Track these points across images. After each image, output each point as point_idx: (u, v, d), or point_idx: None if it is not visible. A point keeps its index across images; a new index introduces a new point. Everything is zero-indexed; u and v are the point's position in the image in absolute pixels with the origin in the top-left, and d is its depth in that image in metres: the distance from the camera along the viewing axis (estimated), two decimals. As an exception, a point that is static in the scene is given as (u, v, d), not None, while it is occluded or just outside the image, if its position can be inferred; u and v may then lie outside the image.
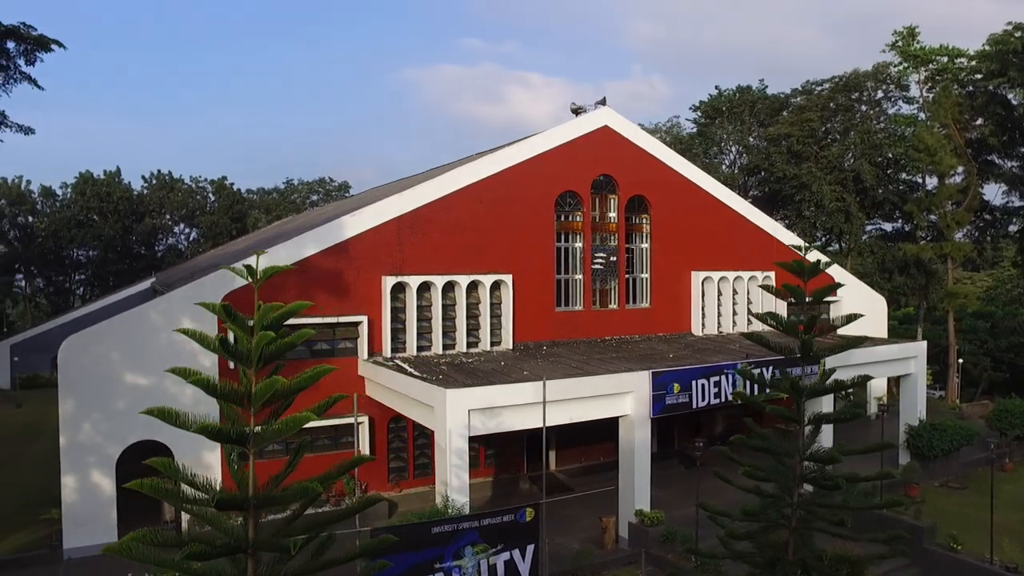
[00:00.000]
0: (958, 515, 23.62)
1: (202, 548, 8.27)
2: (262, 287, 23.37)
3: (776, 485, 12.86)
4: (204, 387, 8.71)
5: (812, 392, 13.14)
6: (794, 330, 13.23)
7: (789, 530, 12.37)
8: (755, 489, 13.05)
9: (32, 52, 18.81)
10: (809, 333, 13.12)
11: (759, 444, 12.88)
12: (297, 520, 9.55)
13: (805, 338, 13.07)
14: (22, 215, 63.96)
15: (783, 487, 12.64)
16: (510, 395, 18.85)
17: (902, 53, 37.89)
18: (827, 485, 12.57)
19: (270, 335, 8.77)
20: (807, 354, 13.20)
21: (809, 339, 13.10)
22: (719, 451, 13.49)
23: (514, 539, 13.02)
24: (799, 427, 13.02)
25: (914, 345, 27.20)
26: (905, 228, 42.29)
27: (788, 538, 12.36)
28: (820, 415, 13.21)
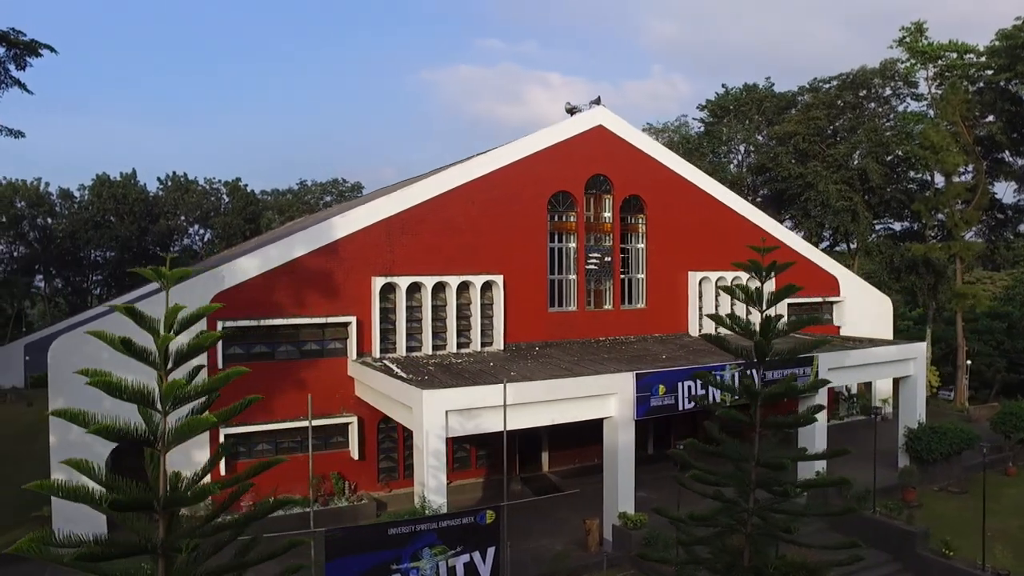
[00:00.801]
0: (956, 520, 23.14)
1: (96, 550, 8.31)
2: (259, 287, 23.60)
3: (735, 490, 12.67)
4: (105, 388, 8.72)
5: (768, 396, 12.90)
6: (749, 332, 12.96)
7: (744, 536, 12.17)
8: (717, 495, 12.86)
9: (22, 57, 19.17)
10: (764, 335, 12.83)
11: (712, 449, 12.70)
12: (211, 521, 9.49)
13: (757, 340, 12.80)
14: (41, 217, 65.10)
15: (740, 492, 12.45)
16: (489, 396, 18.77)
17: (909, 49, 37.19)
18: (776, 491, 12.36)
19: (171, 336, 8.76)
20: (761, 357, 12.94)
21: (760, 341, 12.83)
22: (674, 454, 13.28)
23: (474, 541, 12.96)
24: (754, 432, 12.80)
25: (913, 346, 26.70)
26: (914, 227, 41.56)
27: (744, 544, 12.16)
28: (774, 420, 12.98)
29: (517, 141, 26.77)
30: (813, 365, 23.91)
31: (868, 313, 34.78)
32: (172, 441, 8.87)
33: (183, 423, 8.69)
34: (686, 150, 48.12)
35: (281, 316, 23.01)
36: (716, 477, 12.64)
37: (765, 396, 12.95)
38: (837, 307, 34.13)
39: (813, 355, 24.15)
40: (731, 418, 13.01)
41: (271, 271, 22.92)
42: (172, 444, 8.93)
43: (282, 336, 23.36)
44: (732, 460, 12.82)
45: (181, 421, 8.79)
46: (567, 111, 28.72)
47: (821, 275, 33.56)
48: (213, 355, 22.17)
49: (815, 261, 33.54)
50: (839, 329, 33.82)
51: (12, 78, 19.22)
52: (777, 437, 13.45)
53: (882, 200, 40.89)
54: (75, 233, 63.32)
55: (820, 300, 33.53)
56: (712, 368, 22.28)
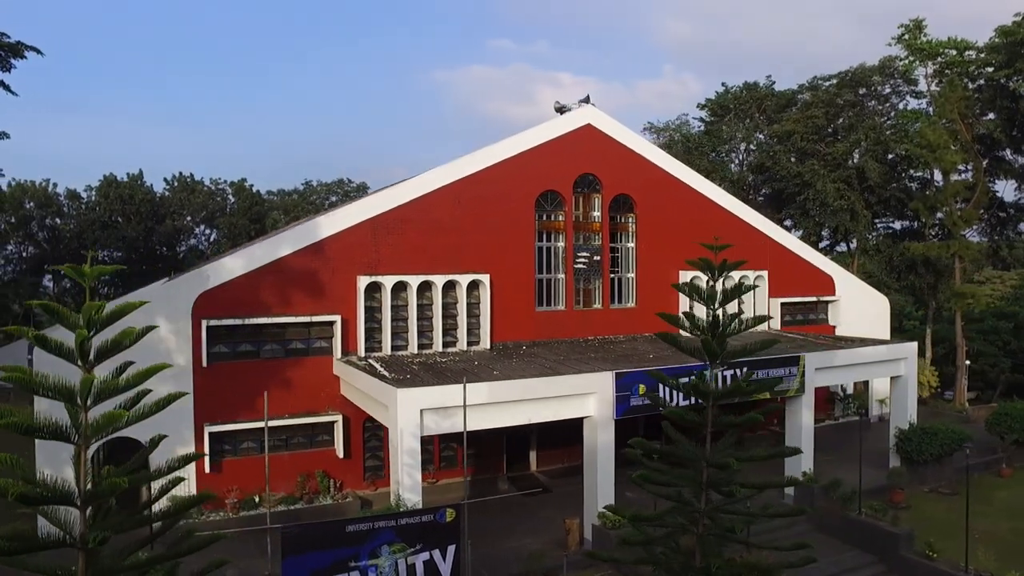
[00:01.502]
0: (945, 522, 22.87)
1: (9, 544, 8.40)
2: (244, 286, 23.70)
3: (690, 491, 12.61)
4: (22, 383, 8.80)
5: (719, 396, 12.80)
6: (700, 330, 12.87)
7: (695, 536, 12.08)
8: (677, 495, 12.78)
9: (6, 59, 19.45)
10: (713, 333, 12.74)
11: (660, 449, 12.63)
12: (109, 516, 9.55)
13: (703, 338, 12.72)
14: (49, 217, 65.85)
15: (693, 493, 12.37)
16: (461, 395, 18.79)
17: (908, 46, 36.82)
18: (723, 492, 12.28)
19: (84, 332, 8.82)
20: (711, 355, 12.86)
21: (706, 339, 12.75)
22: (628, 453, 13.19)
23: (434, 539, 12.97)
24: (705, 432, 12.70)
25: (903, 346, 26.44)
26: (914, 227, 41.13)
27: (694, 545, 12.08)
28: (724, 420, 12.87)
29: (504, 140, 26.77)
30: (799, 365, 23.74)
31: (865, 313, 34.48)
32: (91, 436, 8.90)
33: (97, 418, 8.74)
34: (686, 149, 47.90)
35: (266, 315, 23.14)
36: (667, 477, 12.58)
37: (716, 396, 12.85)
38: (832, 306, 33.86)
39: (799, 355, 24.02)
40: (678, 417, 12.92)
41: (256, 270, 23.06)
42: (91, 439, 8.95)
43: (267, 335, 23.49)
44: (680, 461, 12.73)
45: (98, 416, 8.82)
46: (556, 110, 28.68)
47: (816, 274, 33.33)
48: (198, 353, 22.37)
49: (810, 260, 33.30)
50: (834, 329, 33.57)
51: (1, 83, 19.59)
52: (733, 437, 13.31)
53: (881, 199, 40.49)
54: (82, 233, 63.93)
55: (815, 300, 33.30)
56: (695, 367, 22.15)
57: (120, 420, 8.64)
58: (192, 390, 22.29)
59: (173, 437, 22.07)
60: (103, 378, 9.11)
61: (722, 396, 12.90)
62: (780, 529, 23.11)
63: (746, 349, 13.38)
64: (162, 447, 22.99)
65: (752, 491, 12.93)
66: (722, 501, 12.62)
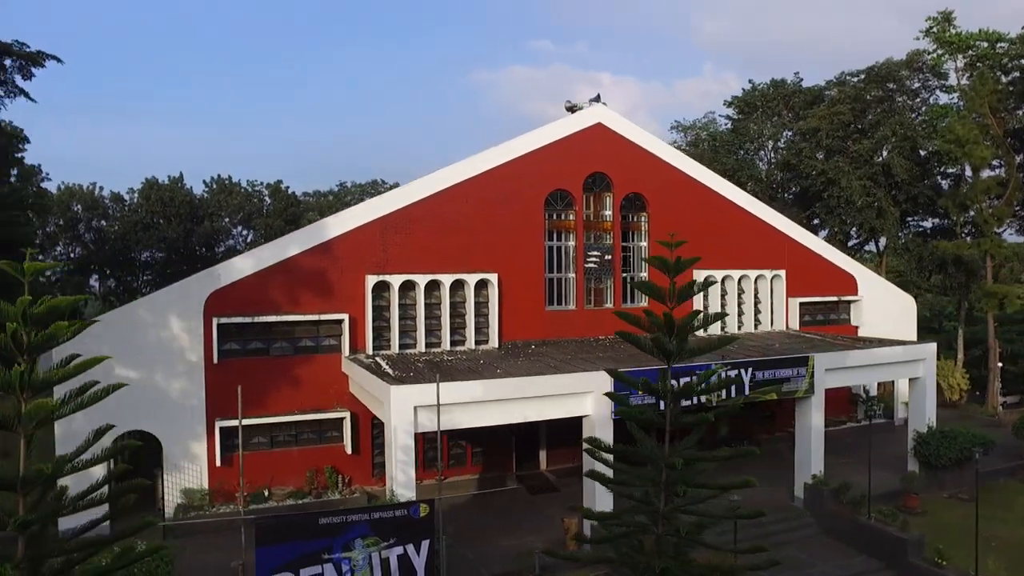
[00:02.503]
0: (960, 529, 22.17)
1: None
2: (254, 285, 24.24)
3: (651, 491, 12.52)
4: None
5: (678, 395, 12.67)
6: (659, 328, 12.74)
7: (655, 536, 11.98)
8: (644, 496, 12.71)
9: (27, 68, 20.32)
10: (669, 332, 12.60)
11: (615, 448, 12.57)
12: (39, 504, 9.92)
13: (655, 335, 12.59)
14: (95, 219, 68.25)
15: (654, 493, 12.29)
16: (459, 392, 19.00)
17: (937, 39, 35.70)
18: (674, 493, 12.17)
19: (13, 326, 9.08)
20: (665, 354, 12.74)
21: (658, 337, 12.63)
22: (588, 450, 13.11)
23: (408, 534, 13.17)
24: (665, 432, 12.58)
25: (921, 347, 25.71)
26: (946, 225, 39.83)
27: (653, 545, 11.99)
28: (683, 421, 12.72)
29: (513, 140, 26.88)
30: (808, 365, 23.32)
31: (890, 313, 33.63)
32: (27, 425, 9.23)
33: (26, 408, 9.08)
34: (712, 147, 47.29)
35: (276, 313, 23.68)
36: (623, 476, 12.53)
37: (674, 395, 12.72)
38: (855, 306, 33.09)
39: (809, 355, 23.60)
40: (633, 417, 12.85)
41: (265, 270, 23.62)
42: (27, 428, 9.28)
43: (277, 333, 24.03)
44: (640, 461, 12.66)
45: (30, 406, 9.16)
46: (567, 109, 28.68)
47: (837, 274, 32.63)
48: (209, 350, 23.00)
49: (831, 260, 32.62)
50: (857, 329, 32.83)
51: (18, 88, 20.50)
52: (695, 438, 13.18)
53: (909, 196, 39.33)
54: (126, 235, 66.06)
55: (835, 299, 32.60)
56: (696, 367, 21.95)
57: (44, 410, 8.88)
58: (204, 386, 22.98)
59: (186, 431, 22.96)
60: (47, 370, 9.46)
61: (678, 396, 12.74)
62: (785, 532, 22.80)
63: (700, 348, 13.17)
64: (176, 439, 23.81)
65: (716, 491, 12.76)
66: (682, 501, 12.52)
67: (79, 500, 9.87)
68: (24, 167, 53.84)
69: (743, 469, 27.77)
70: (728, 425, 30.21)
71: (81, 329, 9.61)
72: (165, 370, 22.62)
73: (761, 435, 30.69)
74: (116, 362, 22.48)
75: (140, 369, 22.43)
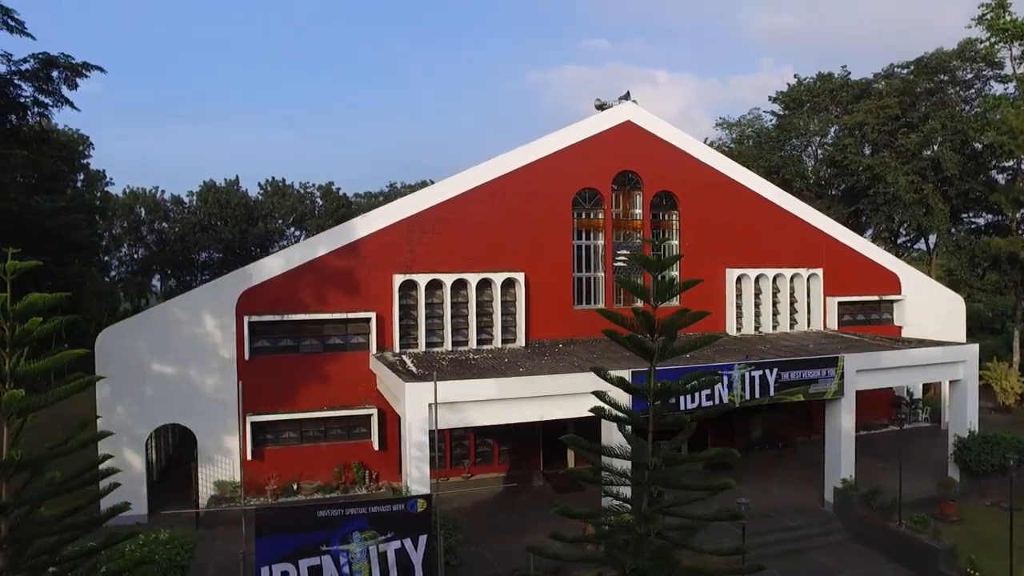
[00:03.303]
0: (999, 538, 21.15)
1: None
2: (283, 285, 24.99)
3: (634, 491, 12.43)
4: None
5: (660, 393, 12.51)
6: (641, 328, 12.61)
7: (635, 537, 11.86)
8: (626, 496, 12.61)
9: (72, 79, 21.52)
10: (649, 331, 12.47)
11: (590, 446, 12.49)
12: None
13: (629, 335, 12.46)
14: (157, 222, 71.28)
15: (636, 493, 12.17)
16: (473, 390, 19.21)
17: (990, 27, 34.06)
18: (648, 493, 12.02)
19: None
20: (646, 353, 12.61)
21: (632, 336, 12.50)
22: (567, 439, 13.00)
23: (405, 529, 13.41)
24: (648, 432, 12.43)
25: (962, 348, 24.69)
26: (1002, 221, 37.99)
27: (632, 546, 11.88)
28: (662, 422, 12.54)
29: (541, 139, 26.93)
30: (838, 366, 22.70)
31: (937, 313, 32.38)
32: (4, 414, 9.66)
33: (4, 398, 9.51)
34: (757, 144, 46.29)
35: (305, 312, 24.34)
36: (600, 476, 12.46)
37: (656, 393, 12.59)
38: (898, 306, 31.98)
39: (838, 356, 22.98)
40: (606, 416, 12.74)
41: (295, 269, 24.30)
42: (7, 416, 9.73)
43: (306, 331, 24.68)
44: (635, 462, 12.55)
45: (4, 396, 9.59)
46: (596, 107, 28.59)
47: (879, 272, 31.58)
48: (240, 347, 23.79)
49: (872, 258, 31.60)
50: (900, 330, 31.72)
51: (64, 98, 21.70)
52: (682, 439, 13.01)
53: (960, 192, 37.68)
54: (185, 236, 68.82)
55: (877, 299, 31.56)
56: (720, 367, 21.65)
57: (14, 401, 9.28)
58: (236, 382, 23.76)
59: (219, 425, 23.79)
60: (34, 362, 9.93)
61: (660, 395, 12.59)
62: (814, 537, 22.27)
63: (683, 346, 12.96)
64: (209, 433, 24.65)
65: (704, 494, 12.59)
66: (665, 502, 12.38)
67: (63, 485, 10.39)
68: (90, 172, 56.71)
69: (773, 471, 27.53)
70: (761, 427, 29.62)
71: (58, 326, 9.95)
72: (199, 366, 23.49)
73: (797, 437, 30.00)
74: (153, 357, 23.63)
75: (176, 365, 23.38)
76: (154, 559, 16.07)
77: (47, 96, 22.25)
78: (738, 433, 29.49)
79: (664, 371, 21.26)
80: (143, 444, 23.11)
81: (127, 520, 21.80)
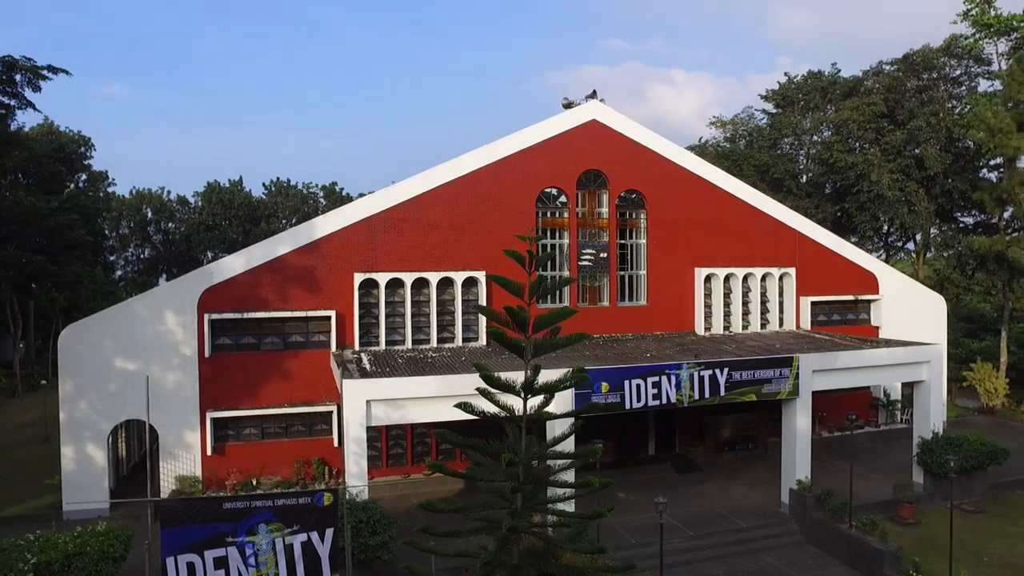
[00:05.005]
0: (955, 542, 20.88)
1: None
2: (245, 283, 25.34)
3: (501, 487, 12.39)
4: None
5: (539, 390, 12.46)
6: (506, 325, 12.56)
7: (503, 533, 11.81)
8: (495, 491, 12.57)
9: (35, 81, 22.04)
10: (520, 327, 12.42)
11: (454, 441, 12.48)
12: None
13: (494, 331, 12.43)
14: (163, 221, 72.36)
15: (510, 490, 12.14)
16: (411, 388, 19.35)
17: (975, 23, 33.40)
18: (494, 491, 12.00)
19: None
20: (515, 350, 12.59)
21: (496, 330, 12.46)
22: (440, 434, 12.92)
23: (312, 522, 13.57)
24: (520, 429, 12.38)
25: (924, 349, 24.29)
26: (989, 220, 37.19)
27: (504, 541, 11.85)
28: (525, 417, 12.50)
29: (504, 138, 26.98)
30: (792, 366, 22.48)
31: (917, 313, 31.90)
32: None
33: None
34: (748, 143, 45.87)
35: (265, 309, 24.63)
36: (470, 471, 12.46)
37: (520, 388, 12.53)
38: (875, 306, 31.53)
39: (793, 356, 22.77)
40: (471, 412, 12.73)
41: (256, 268, 24.59)
42: None
43: (267, 328, 24.98)
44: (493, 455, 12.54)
45: None
46: (564, 106, 28.61)
47: (855, 272, 31.16)
48: (201, 344, 24.14)
49: (848, 257, 31.19)
50: (878, 330, 31.28)
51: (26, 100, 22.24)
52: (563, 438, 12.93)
53: (944, 191, 36.98)
54: (190, 236, 69.77)
55: (853, 299, 31.16)
56: (665, 367, 21.56)
57: None
58: (197, 378, 24.13)
59: (180, 421, 24.17)
60: None
61: (533, 392, 12.53)
62: (767, 539, 22.09)
63: (552, 344, 12.87)
64: (171, 428, 25.00)
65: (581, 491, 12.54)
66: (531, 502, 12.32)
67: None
68: (92, 172, 57.72)
69: (741, 472, 27.30)
70: (732, 427, 29.40)
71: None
72: (161, 363, 23.86)
73: (769, 438, 29.72)
74: (116, 354, 24.04)
75: (138, 361, 23.77)
76: (86, 551, 16.35)
77: (10, 99, 22.81)
78: (707, 433, 29.32)
79: (609, 370, 21.41)
80: (105, 439, 23.51)
81: (91, 513, 22.57)
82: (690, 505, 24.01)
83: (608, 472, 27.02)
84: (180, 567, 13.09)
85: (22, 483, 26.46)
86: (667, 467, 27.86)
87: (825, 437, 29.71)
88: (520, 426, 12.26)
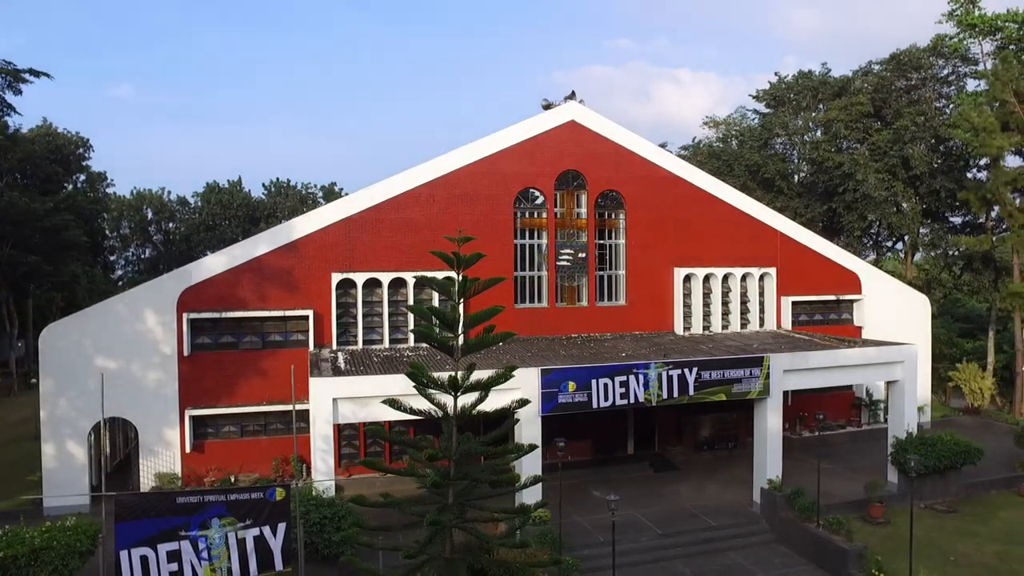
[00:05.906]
0: (922, 541, 20.94)
1: None
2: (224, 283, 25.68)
3: None
4: None
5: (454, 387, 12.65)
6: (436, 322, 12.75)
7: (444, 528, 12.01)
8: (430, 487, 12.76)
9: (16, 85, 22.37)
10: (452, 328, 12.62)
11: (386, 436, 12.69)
12: None
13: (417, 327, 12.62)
14: (164, 222, 72.99)
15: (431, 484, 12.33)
16: (377, 386, 19.54)
17: (959, 22, 33.29)
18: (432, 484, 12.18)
19: None
20: (446, 349, 12.78)
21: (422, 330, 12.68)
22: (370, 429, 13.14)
23: (264, 517, 13.81)
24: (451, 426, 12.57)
25: (898, 349, 24.31)
26: (977, 220, 37.06)
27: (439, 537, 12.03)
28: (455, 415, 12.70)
29: (483, 139, 27.18)
30: (763, 366, 22.57)
31: (900, 313, 31.87)
32: None
33: None
34: (740, 143, 45.87)
35: (244, 309, 24.93)
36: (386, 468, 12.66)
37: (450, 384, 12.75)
38: (857, 306, 31.53)
39: (763, 355, 22.85)
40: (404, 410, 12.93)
41: (235, 268, 24.89)
42: None
43: (246, 327, 25.27)
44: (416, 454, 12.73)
45: None
46: (543, 107, 28.76)
47: (837, 272, 31.17)
48: (180, 343, 24.45)
49: (830, 257, 31.20)
50: (860, 330, 31.29)
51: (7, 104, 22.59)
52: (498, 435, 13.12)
53: (931, 190, 36.89)
54: (189, 236, 70.36)
55: (835, 299, 31.17)
56: (633, 366, 21.71)
57: None
58: (176, 377, 24.44)
59: (160, 419, 24.48)
60: None
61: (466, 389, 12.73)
62: (737, 537, 22.19)
63: (480, 342, 13.07)
64: (151, 426, 25.31)
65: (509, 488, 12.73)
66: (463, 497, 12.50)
67: None
68: (90, 173, 58.29)
69: (718, 471, 27.39)
70: (712, 427, 29.49)
71: None
72: (141, 361, 24.18)
73: (748, 437, 29.75)
74: (96, 352, 24.38)
75: (118, 360, 24.10)
76: (52, 545, 16.66)
77: (-9, 102, 23.23)
78: (687, 433, 29.42)
79: (576, 370, 21.58)
80: (85, 437, 23.83)
81: (71, 509, 22.88)
82: (663, 504, 24.15)
83: (585, 471, 27.27)
84: (134, 560, 13.37)
85: (7, 480, 26.84)
86: (645, 466, 27.97)
87: (806, 437, 29.74)
88: (452, 423, 12.45)
